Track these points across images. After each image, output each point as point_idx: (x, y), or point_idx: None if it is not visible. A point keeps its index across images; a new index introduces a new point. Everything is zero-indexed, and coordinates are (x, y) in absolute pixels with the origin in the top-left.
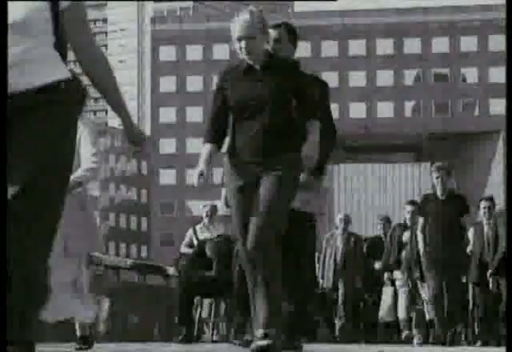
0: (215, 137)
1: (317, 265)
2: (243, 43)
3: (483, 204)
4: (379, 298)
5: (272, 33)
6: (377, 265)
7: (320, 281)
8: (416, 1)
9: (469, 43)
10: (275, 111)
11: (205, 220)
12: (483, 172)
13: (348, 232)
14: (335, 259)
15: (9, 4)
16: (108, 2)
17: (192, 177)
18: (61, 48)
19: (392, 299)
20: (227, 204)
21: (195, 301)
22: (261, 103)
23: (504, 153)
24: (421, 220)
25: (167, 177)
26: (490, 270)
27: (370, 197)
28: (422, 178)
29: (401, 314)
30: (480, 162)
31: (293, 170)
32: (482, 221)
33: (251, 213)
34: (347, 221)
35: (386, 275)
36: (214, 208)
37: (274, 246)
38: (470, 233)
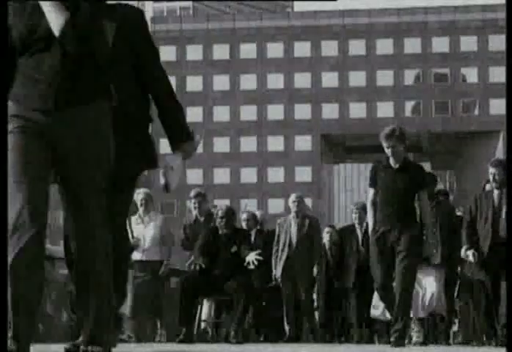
0: None
1: (273, 256)
2: None
3: (490, 170)
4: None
5: None
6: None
7: (273, 271)
8: (416, 1)
9: (469, 43)
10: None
11: (140, 210)
12: (483, 172)
13: (302, 215)
14: (289, 246)
15: None
16: None
17: None
18: None
19: None
20: None
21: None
22: (51, 35)
23: (504, 153)
24: (371, 192)
25: None
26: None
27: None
28: None
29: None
30: (480, 162)
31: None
32: (489, 192)
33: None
34: (300, 202)
35: None
36: (149, 196)
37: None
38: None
